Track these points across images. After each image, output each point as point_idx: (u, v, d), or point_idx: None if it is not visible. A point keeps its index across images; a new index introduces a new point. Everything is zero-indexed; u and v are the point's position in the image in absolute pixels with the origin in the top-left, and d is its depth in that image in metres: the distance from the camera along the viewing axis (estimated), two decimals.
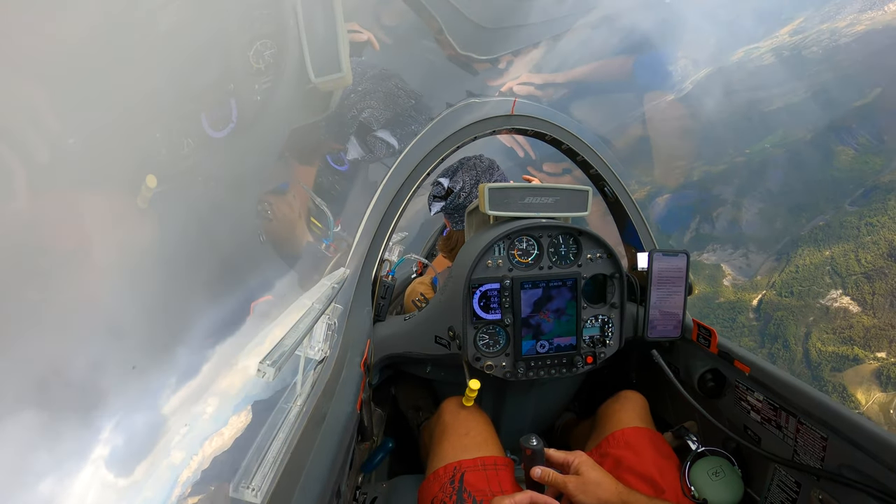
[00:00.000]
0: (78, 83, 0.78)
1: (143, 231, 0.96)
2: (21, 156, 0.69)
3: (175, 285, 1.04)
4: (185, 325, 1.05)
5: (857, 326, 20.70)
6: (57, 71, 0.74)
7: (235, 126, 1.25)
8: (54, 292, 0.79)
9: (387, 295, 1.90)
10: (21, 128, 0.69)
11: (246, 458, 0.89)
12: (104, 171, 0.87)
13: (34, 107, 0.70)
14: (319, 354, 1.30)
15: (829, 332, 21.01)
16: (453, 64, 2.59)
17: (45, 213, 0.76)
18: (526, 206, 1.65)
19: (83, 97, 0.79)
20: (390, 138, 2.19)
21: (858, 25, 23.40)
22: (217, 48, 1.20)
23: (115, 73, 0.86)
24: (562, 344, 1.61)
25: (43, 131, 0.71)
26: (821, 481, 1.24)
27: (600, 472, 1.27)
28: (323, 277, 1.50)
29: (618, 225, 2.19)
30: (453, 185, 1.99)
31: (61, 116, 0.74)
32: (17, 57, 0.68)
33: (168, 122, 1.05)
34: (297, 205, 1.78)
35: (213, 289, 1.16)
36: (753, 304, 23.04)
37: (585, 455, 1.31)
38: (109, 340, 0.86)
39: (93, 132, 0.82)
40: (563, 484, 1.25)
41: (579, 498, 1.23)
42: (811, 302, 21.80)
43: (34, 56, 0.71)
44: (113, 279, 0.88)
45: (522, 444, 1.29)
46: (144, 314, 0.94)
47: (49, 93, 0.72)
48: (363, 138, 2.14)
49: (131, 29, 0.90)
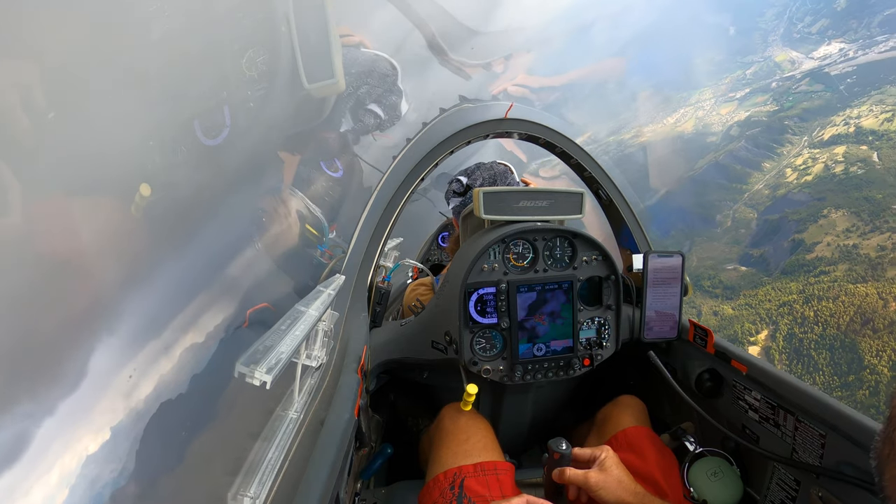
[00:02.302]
0: (68, 90, 0.78)
1: (136, 239, 0.96)
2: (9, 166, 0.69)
3: (169, 292, 1.03)
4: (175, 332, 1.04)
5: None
6: (46, 77, 0.74)
7: (229, 133, 1.25)
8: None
9: (383, 301, 1.90)
10: (7, 136, 0.68)
11: (243, 466, 0.88)
12: (97, 180, 0.87)
13: (20, 114, 0.69)
14: (316, 361, 1.29)
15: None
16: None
17: (39, 222, 0.75)
18: (521, 210, 1.65)
19: (74, 104, 0.79)
20: (378, 109, 2.21)
21: (641, 137, 28.45)
22: (209, 56, 1.20)
23: (105, 80, 0.86)
24: (558, 347, 1.61)
25: (31, 138, 0.71)
26: (820, 479, 1.24)
27: (624, 471, 1.27)
28: (318, 284, 1.50)
29: (612, 227, 2.19)
30: (472, 182, 2.02)
31: (49, 123, 0.74)
32: (7, 63, 0.68)
33: (161, 130, 1.04)
34: (292, 212, 1.78)
35: (207, 296, 1.15)
36: None
37: (612, 451, 1.31)
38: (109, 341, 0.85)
39: (85, 139, 0.81)
40: (583, 478, 1.24)
41: (600, 493, 1.22)
42: None
43: (24, 62, 0.70)
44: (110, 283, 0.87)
45: (551, 447, 1.28)
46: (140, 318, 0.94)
47: (38, 99, 0.71)
48: (355, 113, 2.15)
49: (122, 36, 0.90)
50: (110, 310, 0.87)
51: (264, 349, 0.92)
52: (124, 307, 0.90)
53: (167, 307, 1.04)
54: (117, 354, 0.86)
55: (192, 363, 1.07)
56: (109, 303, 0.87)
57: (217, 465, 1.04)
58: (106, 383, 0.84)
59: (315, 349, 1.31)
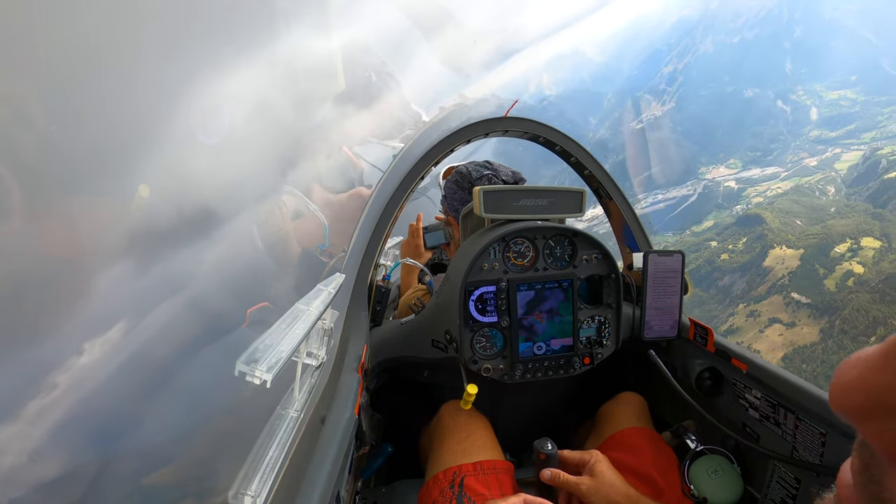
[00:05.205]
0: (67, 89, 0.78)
1: (137, 237, 0.96)
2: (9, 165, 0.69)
3: (170, 292, 1.03)
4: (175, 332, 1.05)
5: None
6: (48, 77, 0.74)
7: (228, 132, 1.25)
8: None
9: (383, 299, 1.90)
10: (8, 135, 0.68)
11: (244, 464, 0.88)
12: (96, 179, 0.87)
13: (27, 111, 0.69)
14: (316, 360, 1.29)
15: None
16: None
17: (38, 223, 0.75)
18: (521, 209, 1.65)
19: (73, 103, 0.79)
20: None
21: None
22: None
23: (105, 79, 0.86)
24: (558, 345, 1.61)
25: (32, 138, 0.71)
26: (820, 477, 1.24)
27: (615, 474, 1.27)
28: (319, 283, 1.50)
29: (612, 225, 2.19)
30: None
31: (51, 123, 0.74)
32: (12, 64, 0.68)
33: (160, 128, 1.04)
34: (293, 210, 1.78)
35: (208, 295, 1.16)
36: None
37: (602, 455, 1.31)
38: (104, 341, 0.85)
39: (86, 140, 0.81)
40: (575, 485, 1.24)
41: (592, 499, 1.22)
42: None
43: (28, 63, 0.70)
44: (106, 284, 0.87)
45: (536, 448, 1.28)
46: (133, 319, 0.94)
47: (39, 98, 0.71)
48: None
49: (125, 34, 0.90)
50: (108, 307, 0.87)
51: (264, 348, 0.92)
52: (124, 305, 0.90)
53: (167, 307, 1.04)
54: (118, 353, 0.86)
55: (193, 362, 1.07)
56: (106, 299, 0.87)
57: (218, 463, 1.04)
58: (106, 383, 0.84)
59: (315, 348, 1.31)
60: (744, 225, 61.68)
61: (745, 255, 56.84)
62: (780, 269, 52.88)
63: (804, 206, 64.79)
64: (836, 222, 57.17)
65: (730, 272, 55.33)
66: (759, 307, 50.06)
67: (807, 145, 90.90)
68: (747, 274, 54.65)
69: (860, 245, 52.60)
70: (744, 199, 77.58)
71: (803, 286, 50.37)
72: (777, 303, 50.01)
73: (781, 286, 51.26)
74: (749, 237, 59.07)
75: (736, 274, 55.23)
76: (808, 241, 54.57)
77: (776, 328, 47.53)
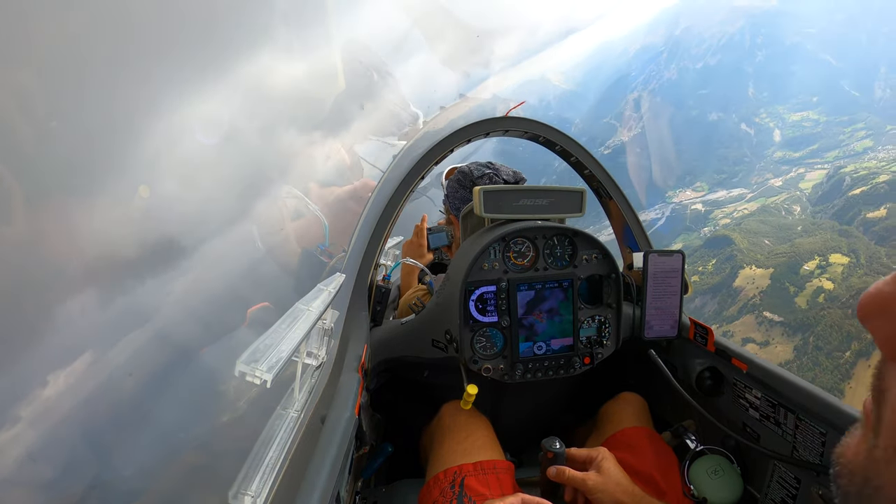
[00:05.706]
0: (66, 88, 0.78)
1: (137, 238, 0.96)
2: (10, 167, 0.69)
3: (169, 291, 1.03)
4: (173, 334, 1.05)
5: None
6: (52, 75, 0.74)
7: (228, 133, 1.25)
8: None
9: (383, 299, 1.89)
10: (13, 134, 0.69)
11: (244, 464, 0.88)
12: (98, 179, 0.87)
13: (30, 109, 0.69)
14: (316, 360, 1.29)
15: None
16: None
17: (40, 222, 0.75)
18: (521, 209, 1.64)
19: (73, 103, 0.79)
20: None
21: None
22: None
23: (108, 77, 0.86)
24: (559, 345, 1.61)
25: (34, 138, 0.71)
26: (820, 476, 1.24)
27: (621, 472, 1.27)
28: (319, 283, 1.50)
29: (612, 225, 2.19)
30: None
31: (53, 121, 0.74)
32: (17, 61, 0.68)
33: (163, 130, 1.04)
34: (293, 210, 1.77)
35: (208, 295, 1.16)
36: None
37: (609, 452, 1.31)
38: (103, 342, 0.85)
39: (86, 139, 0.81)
40: (581, 481, 1.24)
41: (598, 496, 1.22)
42: None
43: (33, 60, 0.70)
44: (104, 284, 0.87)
45: (545, 446, 1.28)
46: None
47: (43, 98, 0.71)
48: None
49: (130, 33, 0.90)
50: (108, 307, 0.87)
51: (265, 347, 0.92)
52: (123, 305, 0.90)
53: (167, 306, 1.04)
54: (117, 352, 0.86)
55: (193, 362, 1.07)
56: (107, 300, 0.87)
57: (218, 463, 1.04)
58: (105, 382, 0.84)
59: (315, 348, 1.31)
60: (712, 247, 61.99)
61: (716, 277, 57.16)
62: (750, 288, 53.18)
63: (771, 226, 65.37)
64: (804, 240, 57.64)
65: (701, 294, 55.38)
66: (731, 327, 50.11)
67: (771, 166, 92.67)
68: (718, 295, 54.85)
69: (828, 262, 53.08)
70: (711, 221, 78.12)
71: (775, 304, 50.63)
72: (749, 322, 50.30)
73: (753, 305, 51.58)
74: (718, 258, 59.36)
75: (707, 295, 55.31)
76: (777, 259, 54.96)
77: (750, 348, 47.19)
